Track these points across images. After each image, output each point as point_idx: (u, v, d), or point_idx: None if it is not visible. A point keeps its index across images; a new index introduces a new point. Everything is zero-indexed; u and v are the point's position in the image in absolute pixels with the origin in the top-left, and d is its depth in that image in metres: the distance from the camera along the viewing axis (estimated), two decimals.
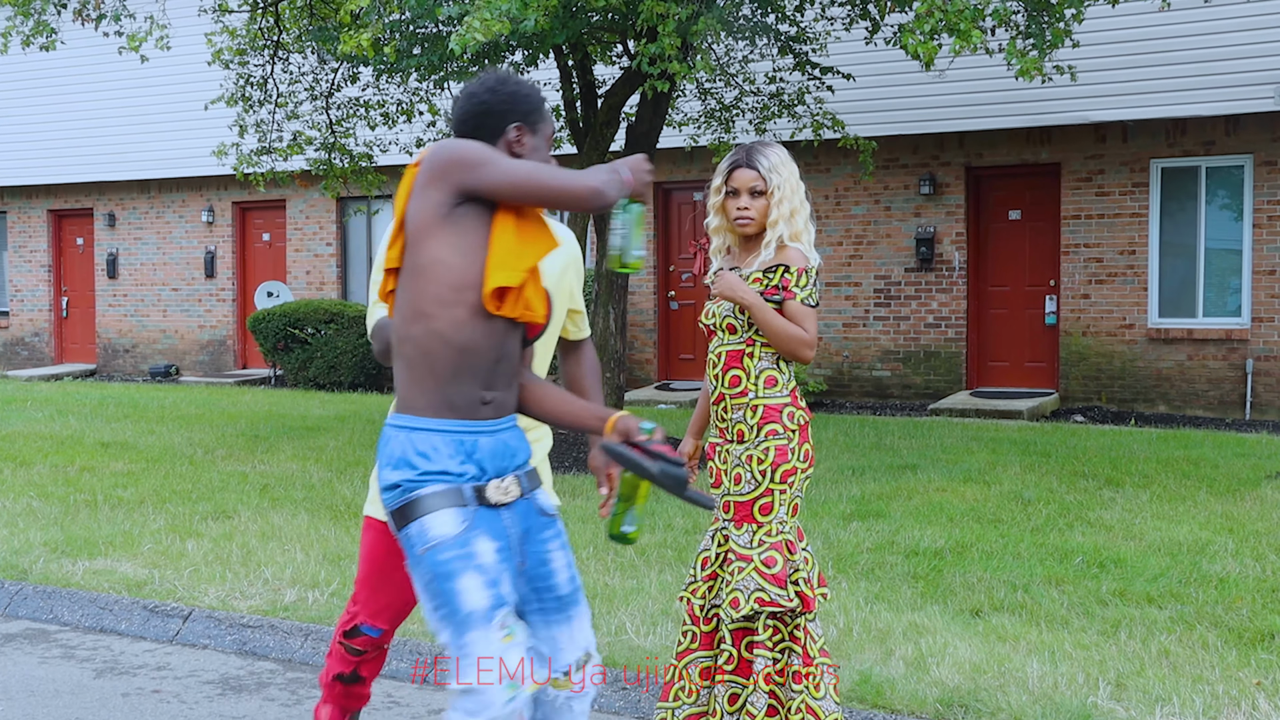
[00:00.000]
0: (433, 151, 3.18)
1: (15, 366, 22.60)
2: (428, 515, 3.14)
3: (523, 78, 3.45)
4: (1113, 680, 5.09)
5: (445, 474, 3.17)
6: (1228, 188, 14.28)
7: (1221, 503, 8.67)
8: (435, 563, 3.13)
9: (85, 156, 21.22)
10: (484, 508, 3.20)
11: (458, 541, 3.13)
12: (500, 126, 3.34)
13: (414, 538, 3.15)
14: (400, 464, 3.19)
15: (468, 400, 3.22)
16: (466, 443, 3.21)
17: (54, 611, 6.71)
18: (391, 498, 3.20)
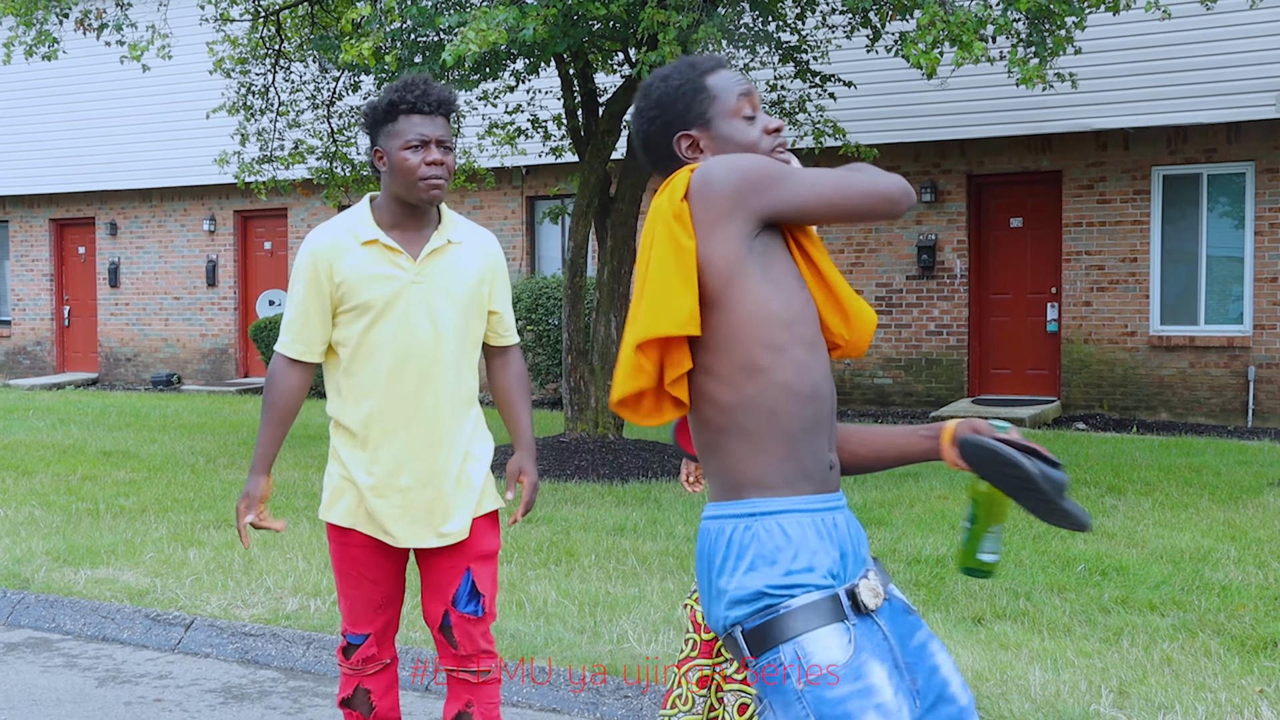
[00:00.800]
0: (705, 181, 2.50)
1: (17, 375, 22.61)
2: (805, 635, 2.37)
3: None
4: (1115, 688, 5.08)
5: (815, 574, 2.42)
6: (1229, 195, 14.28)
7: (1224, 510, 8.66)
8: (824, 701, 2.34)
9: (87, 165, 21.25)
10: (861, 618, 2.44)
11: (851, 672, 2.36)
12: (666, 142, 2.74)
13: (786, 667, 2.38)
14: (755, 565, 2.42)
15: (820, 466, 2.52)
16: (827, 523, 2.49)
17: (56, 620, 6.71)
18: (744, 614, 2.43)
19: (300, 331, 3.76)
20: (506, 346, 4.02)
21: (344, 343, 3.76)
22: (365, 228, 3.74)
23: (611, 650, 5.65)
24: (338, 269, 3.70)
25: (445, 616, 3.85)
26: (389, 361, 3.72)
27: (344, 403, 3.80)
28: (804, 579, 2.40)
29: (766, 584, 2.40)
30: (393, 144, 3.69)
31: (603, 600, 6.45)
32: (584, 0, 9.46)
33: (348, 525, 3.79)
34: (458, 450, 3.82)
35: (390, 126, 3.71)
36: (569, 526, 8.31)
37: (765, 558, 2.42)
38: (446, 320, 3.76)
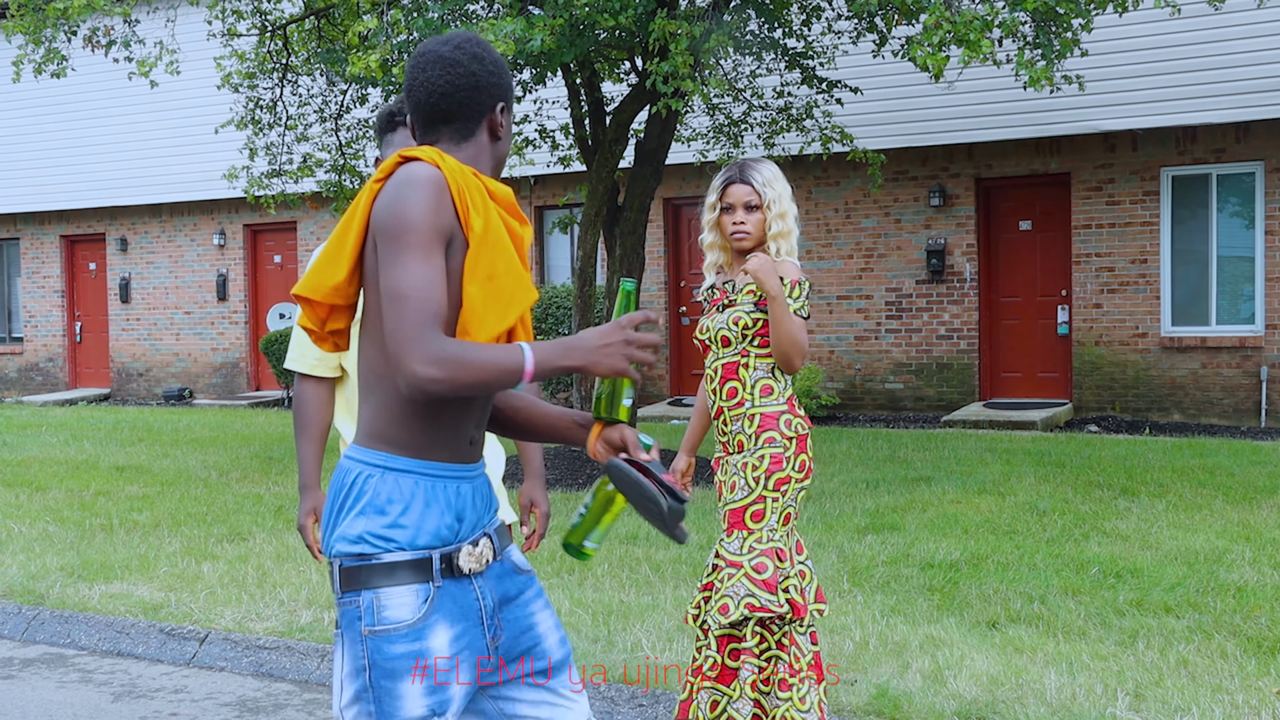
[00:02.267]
0: (386, 191, 2.63)
1: (30, 392, 22.67)
2: (385, 590, 2.60)
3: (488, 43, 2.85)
4: (1131, 691, 5.07)
5: (409, 535, 2.63)
6: (1239, 195, 14.26)
7: (1238, 511, 8.64)
8: (380, 652, 2.60)
9: (97, 181, 21.32)
10: (450, 581, 2.65)
11: (413, 633, 2.61)
12: (488, 104, 2.76)
13: (361, 611, 2.62)
14: (366, 511, 2.63)
15: (458, 438, 2.71)
16: (449, 490, 2.69)
17: (71, 635, 6.72)
18: (345, 551, 2.64)
19: (315, 345, 3.77)
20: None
21: (353, 357, 3.77)
22: None
23: (625, 659, 5.65)
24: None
25: None
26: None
27: (351, 419, 3.80)
28: (400, 537, 2.60)
29: (368, 530, 2.61)
30: (391, 153, 3.71)
31: (616, 609, 6.45)
32: (592, 11, 9.47)
33: None
34: None
35: (390, 136, 3.74)
36: None
37: (376, 507, 2.61)
38: None
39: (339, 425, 3.85)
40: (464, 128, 2.75)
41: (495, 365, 2.51)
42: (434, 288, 2.52)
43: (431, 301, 2.50)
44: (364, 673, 2.61)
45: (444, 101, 2.72)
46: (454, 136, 2.75)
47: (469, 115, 2.74)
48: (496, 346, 2.54)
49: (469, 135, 2.76)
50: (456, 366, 2.47)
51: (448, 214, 2.58)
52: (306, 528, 3.78)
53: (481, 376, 2.50)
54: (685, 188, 16.91)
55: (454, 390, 2.49)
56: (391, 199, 2.57)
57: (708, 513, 8.70)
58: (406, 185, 2.57)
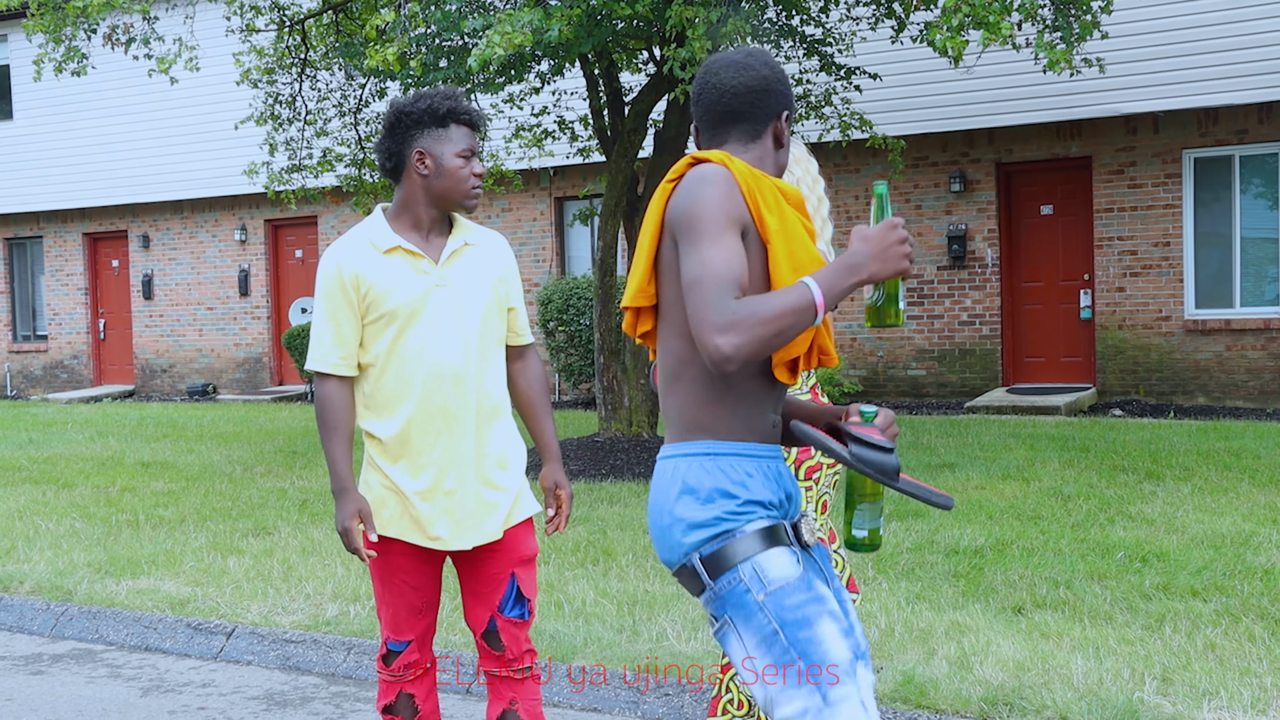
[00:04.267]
0: (679, 190, 2.70)
1: (55, 389, 22.80)
2: (760, 555, 2.64)
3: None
4: (1159, 675, 5.05)
5: (768, 506, 2.70)
6: (1262, 176, 14.16)
7: (1264, 494, 8.60)
8: (784, 608, 2.60)
9: (118, 179, 21.42)
10: (801, 550, 2.74)
11: (804, 583, 2.64)
12: (776, 109, 2.84)
13: (746, 583, 2.63)
14: (712, 496, 2.67)
15: (763, 423, 2.77)
16: (772, 470, 2.76)
17: (99, 631, 6.76)
18: (703, 539, 2.66)
19: (336, 345, 3.77)
20: (524, 346, 4.06)
21: (373, 353, 3.77)
22: (384, 236, 3.76)
23: (651, 648, 5.65)
24: (363, 278, 3.72)
25: (491, 622, 3.87)
26: (421, 369, 3.73)
27: (377, 415, 3.80)
28: (754, 509, 2.67)
29: (723, 511, 2.66)
30: (445, 149, 3.74)
31: (641, 599, 6.46)
32: (609, 0, 9.46)
33: (392, 535, 3.80)
34: (494, 451, 3.84)
35: (441, 132, 3.75)
36: (606, 526, 8.32)
37: (720, 491, 2.67)
38: (473, 322, 3.78)
39: (361, 423, 3.85)
40: (752, 129, 2.84)
41: (787, 309, 2.52)
42: (728, 263, 2.56)
43: (724, 276, 2.54)
44: (777, 635, 2.62)
45: (736, 101, 2.81)
46: (742, 137, 2.84)
47: (758, 117, 2.83)
48: (781, 292, 2.55)
49: (756, 137, 2.84)
50: (751, 324, 2.50)
51: (739, 206, 2.64)
52: (352, 530, 3.76)
53: (779, 324, 2.52)
54: None
55: (759, 347, 2.52)
56: (685, 196, 2.66)
57: None
58: (699, 182, 2.65)
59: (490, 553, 3.86)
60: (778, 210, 2.70)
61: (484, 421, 3.82)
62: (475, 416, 3.78)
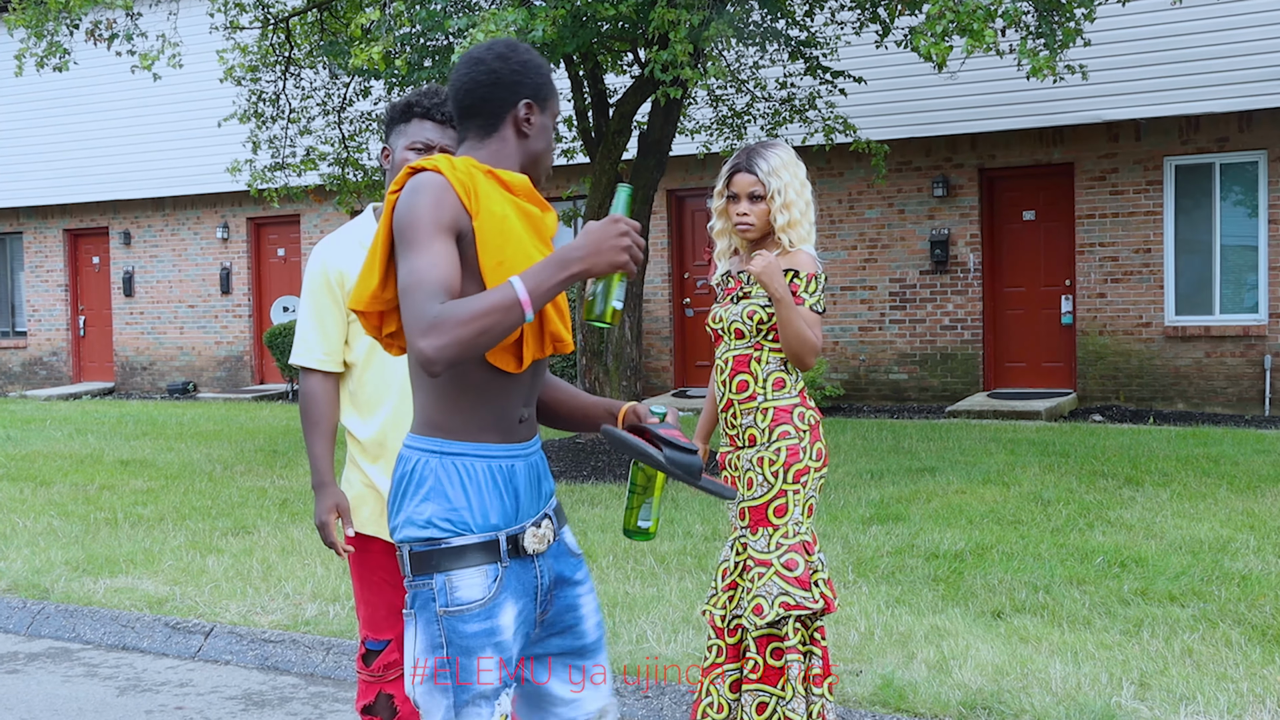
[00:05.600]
0: (397, 202, 2.77)
1: (34, 386, 22.70)
2: (455, 571, 2.75)
3: (531, 47, 2.94)
4: (1136, 680, 5.06)
5: (477, 518, 2.76)
6: (1242, 184, 14.24)
7: (1242, 500, 8.63)
8: (456, 630, 2.75)
9: (100, 175, 21.33)
10: (515, 561, 2.81)
11: (484, 611, 2.76)
12: (510, 100, 2.86)
13: (434, 592, 2.77)
14: (429, 497, 2.77)
15: (506, 418, 2.83)
16: (504, 469, 2.81)
17: (76, 630, 6.73)
18: (414, 536, 2.78)
19: (320, 341, 3.77)
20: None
21: (357, 351, 3.77)
22: (371, 235, 3.76)
23: (630, 651, 5.65)
24: (348, 276, 3.72)
25: None
26: (401, 369, 3.73)
27: (359, 414, 3.80)
28: (467, 520, 2.75)
29: (435, 515, 2.75)
30: (400, 143, 3.72)
31: (621, 601, 6.45)
32: (593, 1, 9.46)
33: (371, 533, 3.80)
34: None
35: (402, 126, 3.73)
36: (586, 528, 8.32)
37: (439, 491, 2.75)
38: None
39: (344, 420, 3.85)
40: (486, 123, 2.87)
41: (488, 308, 2.56)
42: (432, 269, 2.61)
43: (429, 282, 2.59)
44: (441, 649, 2.76)
45: (467, 97, 2.86)
46: (478, 132, 2.88)
47: (490, 110, 2.86)
48: (485, 293, 2.59)
49: (491, 131, 2.87)
50: (451, 325, 2.53)
51: (452, 210, 2.69)
52: (328, 524, 3.76)
53: (480, 324, 2.55)
54: (689, 179, 16.89)
55: (462, 350, 2.55)
56: (402, 207, 2.71)
57: (712, 504, 8.71)
58: (411, 192, 2.71)
59: None
60: (489, 209, 2.73)
61: None
62: None
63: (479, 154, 2.87)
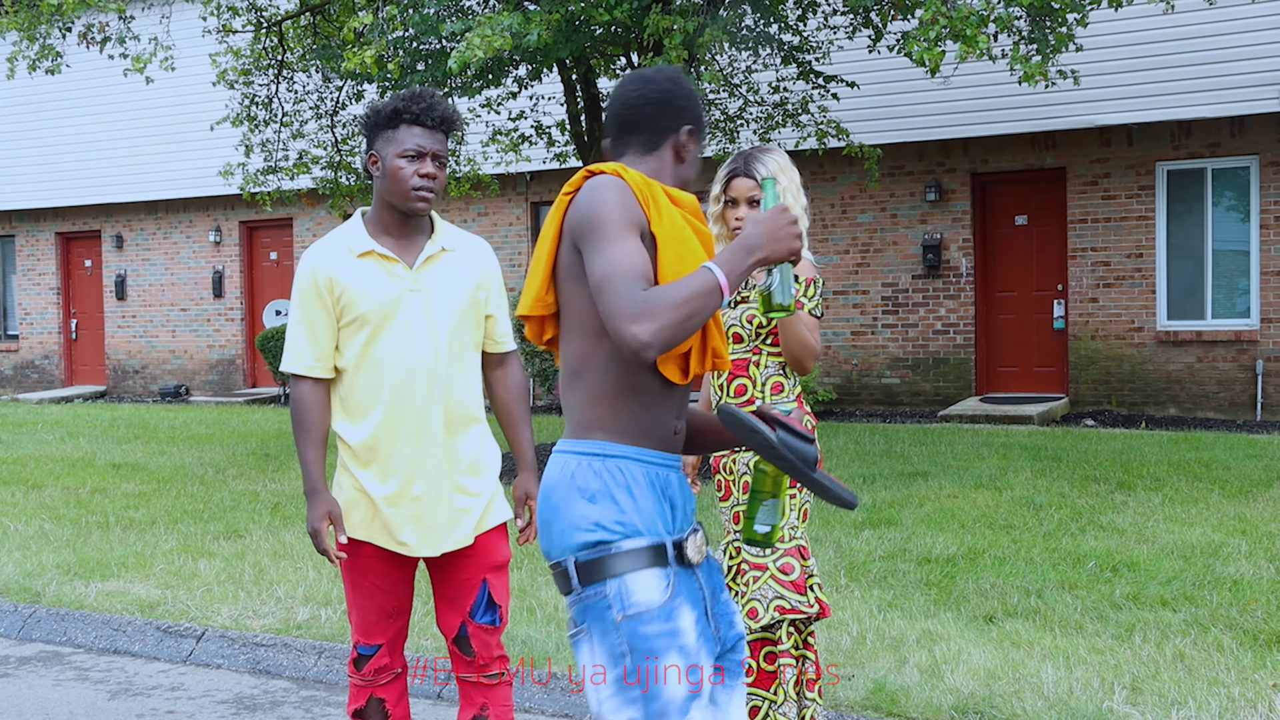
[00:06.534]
0: (577, 200, 2.78)
1: (26, 389, 22.65)
2: (630, 575, 2.67)
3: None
4: (1128, 684, 5.07)
5: (645, 521, 2.72)
6: (1234, 189, 14.26)
7: (1234, 504, 8.65)
8: (637, 635, 2.65)
9: (92, 179, 21.30)
10: (682, 568, 2.76)
11: (664, 614, 2.67)
12: (676, 123, 2.91)
13: (609, 599, 2.68)
14: (596, 499, 2.72)
15: (662, 428, 2.82)
16: (661, 477, 2.78)
17: (67, 634, 6.72)
18: (581, 543, 2.71)
19: (311, 347, 3.76)
20: (504, 354, 4.02)
21: (348, 356, 3.77)
22: (360, 240, 3.76)
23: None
24: (337, 282, 3.72)
25: (462, 628, 3.86)
26: (392, 374, 3.72)
27: (350, 419, 3.79)
28: (636, 522, 2.70)
29: (603, 519, 2.70)
30: (389, 150, 3.71)
31: None
32: (588, 6, 9.47)
33: (362, 538, 3.79)
34: (466, 457, 3.83)
35: (390, 133, 3.73)
36: None
37: (605, 494, 2.71)
38: (446, 328, 3.76)
39: (335, 426, 3.84)
40: (650, 140, 2.91)
41: (695, 292, 2.59)
42: (632, 259, 2.63)
43: (631, 271, 2.61)
44: (624, 658, 2.67)
45: (634, 113, 2.91)
46: (640, 148, 2.92)
47: (656, 129, 2.91)
48: (685, 278, 2.62)
49: (654, 148, 2.91)
50: (664, 309, 2.55)
51: (636, 210, 2.73)
52: (321, 532, 3.75)
53: (689, 307, 2.57)
54: None
55: (674, 332, 2.56)
56: (584, 204, 2.74)
57: (704, 508, 8.70)
58: (595, 190, 2.74)
59: (462, 558, 3.85)
60: (669, 216, 2.77)
61: (455, 428, 3.80)
62: (444, 423, 3.77)
63: (639, 168, 2.89)
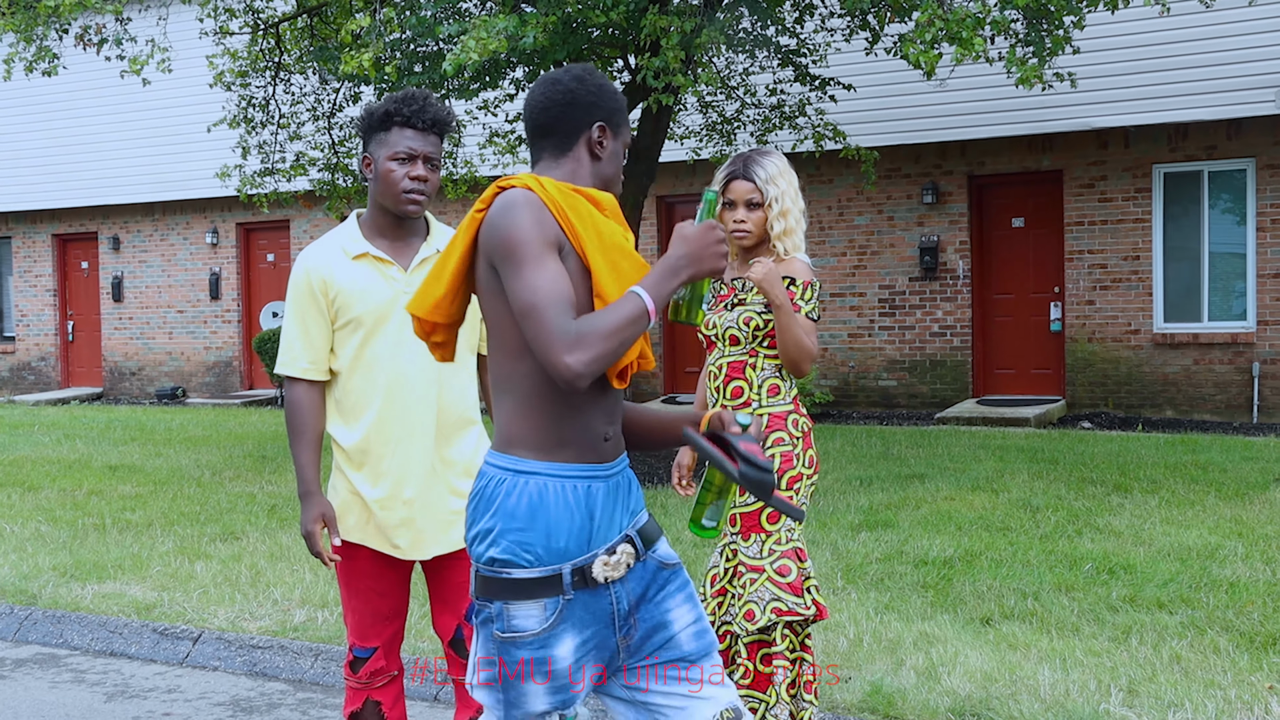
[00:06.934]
0: (489, 218, 2.77)
1: (22, 391, 22.63)
2: (514, 603, 2.76)
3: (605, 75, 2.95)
4: (1124, 686, 5.07)
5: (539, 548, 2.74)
6: (1230, 191, 14.28)
7: (1230, 507, 8.65)
8: (508, 654, 2.78)
9: (89, 180, 21.29)
10: (583, 591, 2.78)
11: (537, 641, 2.76)
12: (585, 122, 2.89)
13: (493, 614, 2.79)
14: (500, 515, 2.76)
15: (587, 436, 2.81)
16: (579, 489, 2.78)
17: (64, 636, 6.71)
18: (483, 556, 2.79)
19: (305, 349, 3.76)
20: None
21: (343, 359, 3.76)
22: (354, 242, 3.76)
23: None
24: (331, 284, 3.71)
25: (458, 630, 3.86)
26: (385, 376, 3.72)
27: (344, 421, 3.79)
28: (533, 547, 2.74)
29: (502, 536, 2.75)
30: (381, 153, 3.71)
31: None
32: (584, 8, 9.47)
33: (356, 541, 3.79)
34: (461, 460, 3.82)
35: (382, 135, 3.73)
36: None
37: (508, 512, 2.75)
38: None
39: (329, 428, 3.84)
40: (561, 142, 2.89)
41: (625, 320, 2.61)
42: (555, 284, 2.64)
43: (556, 298, 2.62)
44: (494, 665, 2.80)
45: (542, 116, 2.89)
46: (553, 151, 2.90)
47: (565, 130, 2.89)
48: (615, 305, 2.64)
49: (565, 151, 2.90)
50: (595, 340, 2.58)
51: (551, 227, 2.71)
52: (314, 534, 3.75)
53: (621, 335, 2.60)
54: (679, 185, 16.90)
55: (606, 363, 2.59)
56: (497, 224, 2.72)
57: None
58: (507, 209, 2.72)
59: (457, 561, 3.85)
60: (592, 224, 2.76)
61: (449, 430, 3.80)
62: (435, 425, 3.77)
63: (554, 173, 2.89)
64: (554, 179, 2.83)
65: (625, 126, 2.98)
